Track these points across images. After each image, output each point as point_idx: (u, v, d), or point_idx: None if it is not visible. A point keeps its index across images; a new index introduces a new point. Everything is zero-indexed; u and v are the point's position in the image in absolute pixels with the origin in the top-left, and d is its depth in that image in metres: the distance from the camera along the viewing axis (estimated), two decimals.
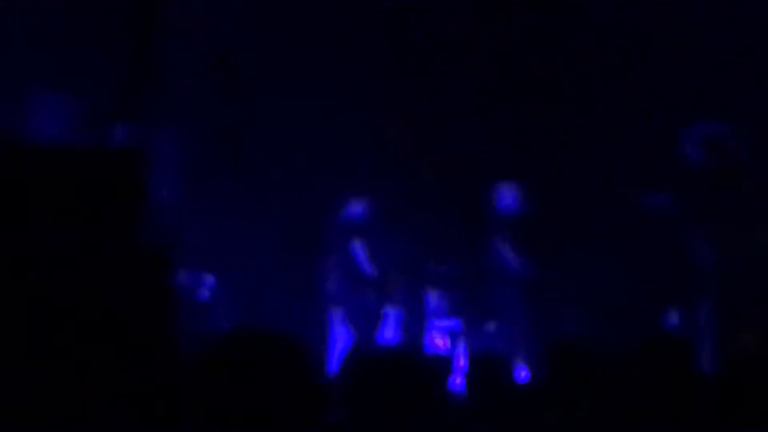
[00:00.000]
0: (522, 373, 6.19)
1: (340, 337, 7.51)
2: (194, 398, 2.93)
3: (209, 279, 7.65)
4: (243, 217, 8.19)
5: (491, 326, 7.17)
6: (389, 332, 7.50)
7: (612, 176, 7.83)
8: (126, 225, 4.34)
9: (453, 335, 7.23)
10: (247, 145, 8.61)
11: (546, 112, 8.38)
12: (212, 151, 8.44)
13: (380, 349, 6.96)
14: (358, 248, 7.81)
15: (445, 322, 7.51)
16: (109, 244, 4.29)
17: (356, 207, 7.95)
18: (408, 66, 8.72)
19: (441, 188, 8.39)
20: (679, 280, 6.88)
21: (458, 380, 5.77)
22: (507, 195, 7.58)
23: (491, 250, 7.63)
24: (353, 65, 8.67)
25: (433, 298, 7.65)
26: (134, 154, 5.11)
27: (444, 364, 6.40)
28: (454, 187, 8.37)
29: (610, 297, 7.34)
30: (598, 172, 8.03)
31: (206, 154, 8.39)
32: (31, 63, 8.02)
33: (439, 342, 7.35)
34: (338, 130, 8.53)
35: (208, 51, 8.56)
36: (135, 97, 7.99)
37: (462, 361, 6.33)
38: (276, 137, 8.54)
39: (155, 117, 7.84)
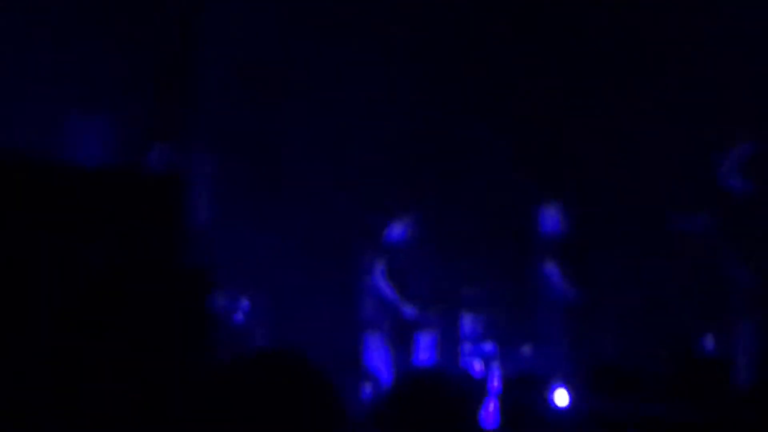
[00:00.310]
0: (560, 396, 6.20)
1: (376, 360, 7.50)
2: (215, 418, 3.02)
3: (244, 302, 7.62)
4: (277, 238, 8.12)
5: (527, 349, 7.15)
6: (425, 355, 7.46)
7: (649, 197, 7.89)
8: (164, 248, 4.71)
9: (488, 358, 7.22)
10: (280, 164, 8.53)
11: (585, 133, 8.47)
12: (246, 171, 8.35)
13: (415, 373, 7.18)
14: (394, 270, 7.79)
15: (480, 345, 7.51)
16: (148, 266, 4.56)
17: (394, 228, 7.89)
18: (448, 79, 8.61)
19: (478, 209, 8.33)
20: (717, 300, 6.90)
21: (492, 404, 5.79)
22: (550, 216, 7.54)
23: (534, 271, 7.63)
24: (393, 78, 8.56)
25: (468, 320, 7.64)
26: (172, 176, 5.49)
27: (479, 387, 6.46)
28: (491, 208, 8.31)
29: (650, 318, 7.36)
30: (636, 193, 8.12)
31: (240, 175, 8.31)
32: (70, 84, 8.07)
33: (475, 365, 7.31)
34: (374, 149, 8.50)
35: (239, 67, 8.56)
36: (170, 118, 8.08)
37: (496, 384, 6.29)
38: (311, 155, 8.49)
39: (190, 138, 7.93)
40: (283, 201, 8.40)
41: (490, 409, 5.99)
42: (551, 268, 7.40)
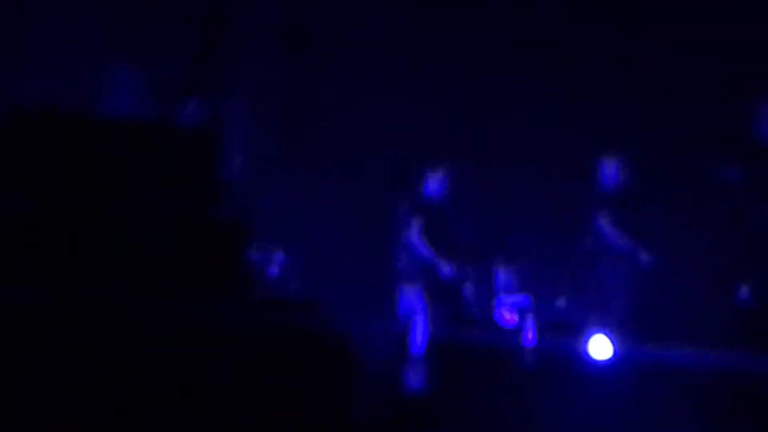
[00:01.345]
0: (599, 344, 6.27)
1: (412, 313, 7.57)
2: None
3: (279, 254, 7.69)
4: (312, 192, 8.30)
5: (562, 301, 7.29)
6: (459, 308, 7.60)
7: (687, 150, 7.98)
8: (201, 199, 4.56)
9: (522, 310, 7.34)
10: (316, 118, 8.56)
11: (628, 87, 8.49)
12: (281, 126, 8.43)
13: (452, 326, 7.29)
14: (430, 226, 7.86)
15: (515, 298, 7.62)
16: (185, 217, 4.47)
17: (431, 180, 7.95)
18: (488, 38, 8.53)
19: (511, 164, 8.45)
20: (754, 251, 7.02)
21: (527, 355, 5.93)
22: (608, 169, 7.61)
23: (575, 224, 7.74)
24: (429, 36, 8.57)
25: (503, 273, 7.74)
26: (207, 130, 6.03)
27: (513, 338, 6.64)
28: (525, 162, 8.37)
29: (690, 271, 7.42)
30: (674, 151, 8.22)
31: (276, 129, 8.38)
32: (107, 37, 8.23)
33: (508, 316, 7.47)
34: (411, 101, 8.51)
35: (277, 21, 8.53)
36: (206, 72, 7.54)
37: (531, 336, 6.45)
38: (346, 109, 8.54)
39: (225, 91, 7.89)
40: (318, 155, 8.50)
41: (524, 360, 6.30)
42: (603, 220, 7.54)
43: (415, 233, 7.86)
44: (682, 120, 8.07)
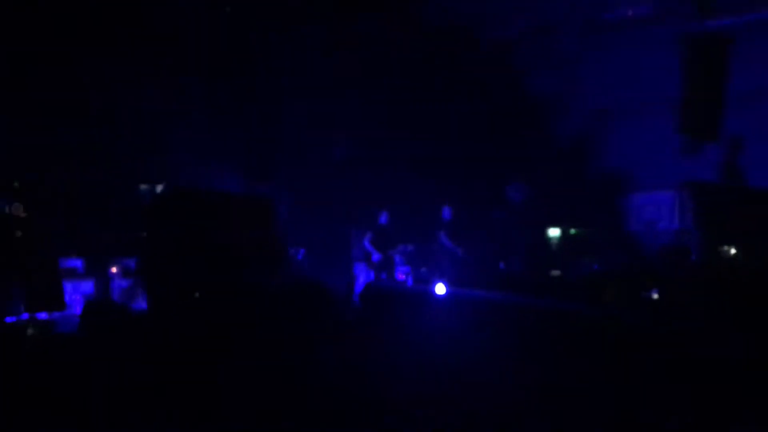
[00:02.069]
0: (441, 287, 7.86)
1: (359, 275, 12.03)
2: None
3: (300, 250, 11.96)
4: (316, 224, 12.38)
5: (425, 270, 12.21)
6: (381, 272, 12.22)
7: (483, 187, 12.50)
8: (265, 231, 8.04)
9: (407, 273, 12.24)
10: (322, 193, 11.90)
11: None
12: (299, 201, 12.22)
13: (379, 282, 10.40)
14: (376, 238, 12.25)
15: (404, 268, 12.55)
16: (258, 236, 7.76)
17: (378, 214, 12.34)
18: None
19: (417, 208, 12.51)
20: (507, 243, 11.79)
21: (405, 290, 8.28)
22: (445, 208, 12.23)
23: (435, 237, 12.23)
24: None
25: (401, 259, 12.64)
26: (268, 199, 9.48)
27: (402, 284, 10.73)
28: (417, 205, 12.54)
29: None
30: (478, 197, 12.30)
31: (300, 202, 12.30)
32: (215, 149, 11.31)
33: (402, 276, 12.47)
34: (370, 171, 12.13)
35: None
36: (267, 166, 11.92)
37: (408, 283, 11.18)
38: (334, 179, 12.06)
39: (278, 178, 11.73)
40: (314, 210, 12.41)
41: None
42: (442, 233, 12.15)
43: (366, 240, 12.39)
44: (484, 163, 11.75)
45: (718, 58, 10.92)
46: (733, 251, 9.78)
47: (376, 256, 12.40)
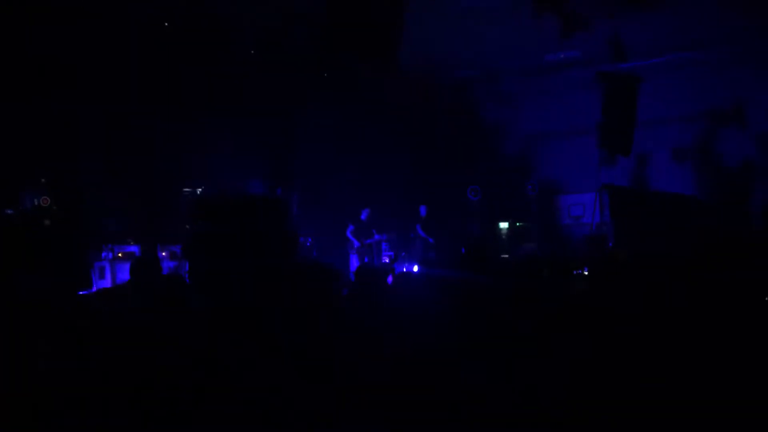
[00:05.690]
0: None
1: (355, 262, 14.20)
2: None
3: (309, 239, 12.99)
4: (321, 218, 13.59)
5: (404, 254, 14.44)
6: (373, 258, 13.84)
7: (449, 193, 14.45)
8: (281, 223, 8.03)
9: (391, 258, 14.45)
10: (326, 195, 13.66)
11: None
12: (310, 200, 13.50)
13: (370, 265, 11.17)
14: (358, 231, 13.73)
15: (389, 254, 14.28)
16: (274, 232, 7.73)
17: (361, 211, 13.99)
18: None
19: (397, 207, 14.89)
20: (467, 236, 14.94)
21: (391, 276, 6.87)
22: (422, 207, 14.63)
23: (414, 232, 14.59)
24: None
25: (386, 245, 14.77)
26: (283, 199, 10.97)
27: (388, 268, 10.98)
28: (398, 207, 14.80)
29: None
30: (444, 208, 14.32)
31: (311, 201, 13.52)
32: (246, 164, 12.52)
33: (387, 259, 14.00)
34: (360, 178, 14.09)
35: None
36: (283, 172, 13.60)
37: (394, 267, 13.16)
38: (335, 187, 13.96)
39: (291, 180, 13.48)
40: (323, 210, 13.66)
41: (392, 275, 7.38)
42: (419, 225, 14.41)
43: (348, 231, 13.70)
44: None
45: (629, 92, 13.68)
46: (638, 238, 12.09)
47: (356, 243, 14.18)
